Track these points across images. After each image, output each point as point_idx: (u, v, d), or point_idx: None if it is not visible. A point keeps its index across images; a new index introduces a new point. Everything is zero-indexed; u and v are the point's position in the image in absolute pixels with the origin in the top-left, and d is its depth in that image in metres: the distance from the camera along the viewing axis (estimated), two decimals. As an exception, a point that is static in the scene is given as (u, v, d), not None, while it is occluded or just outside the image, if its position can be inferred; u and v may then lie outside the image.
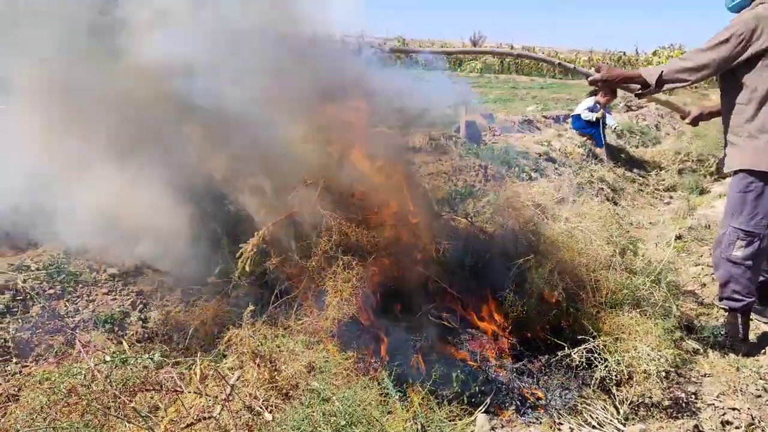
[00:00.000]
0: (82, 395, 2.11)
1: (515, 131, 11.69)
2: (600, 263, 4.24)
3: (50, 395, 2.12)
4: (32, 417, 2.06)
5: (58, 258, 3.61)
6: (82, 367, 2.24)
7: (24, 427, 2.01)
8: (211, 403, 2.40)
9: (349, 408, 2.30)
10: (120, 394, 2.13)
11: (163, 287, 3.71)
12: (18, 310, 3.21)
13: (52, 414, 2.07)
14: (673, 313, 4.17)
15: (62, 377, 2.19)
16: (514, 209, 4.48)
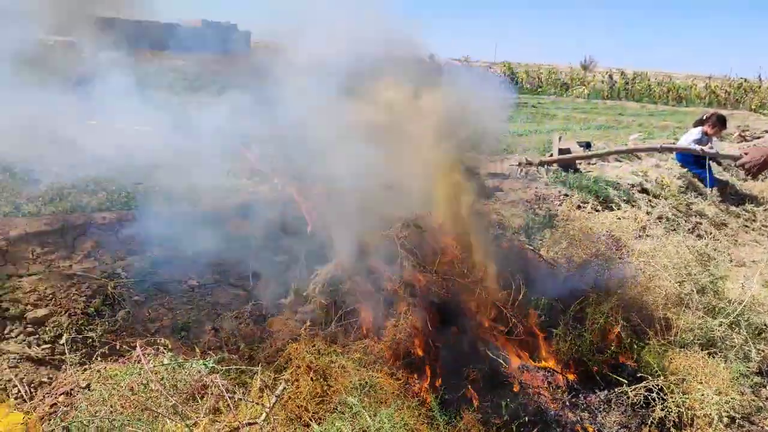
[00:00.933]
0: (139, 393, 2.36)
1: (613, 159, 11.39)
2: (673, 300, 4.11)
3: (111, 390, 2.38)
4: (95, 407, 2.32)
5: (145, 268, 3.95)
6: (141, 368, 2.49)
7: (86, 415, 2.28)
8: (260, 411, 2.58)
9: (387, 425, 2.40)
10: (171, 395, 2.35)
11: (237, 299, 3.97)
12: (106, 313, 3.56)
13: (112, 407, 2.32)
14: (752, 358, 3.97)
15: (124, 375, 2.45)
16: (585, 242, 4.43)
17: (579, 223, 4.85)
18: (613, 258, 4.26)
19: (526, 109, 25.74)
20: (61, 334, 3.33)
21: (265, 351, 3.53)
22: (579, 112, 25.76)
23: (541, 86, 44.22)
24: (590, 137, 15.62)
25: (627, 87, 41.17)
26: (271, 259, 4.28)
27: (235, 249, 4.49)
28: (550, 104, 30.53)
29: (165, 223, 5.23)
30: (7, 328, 3.28)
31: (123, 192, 6.59)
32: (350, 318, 3.68)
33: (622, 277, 4.02)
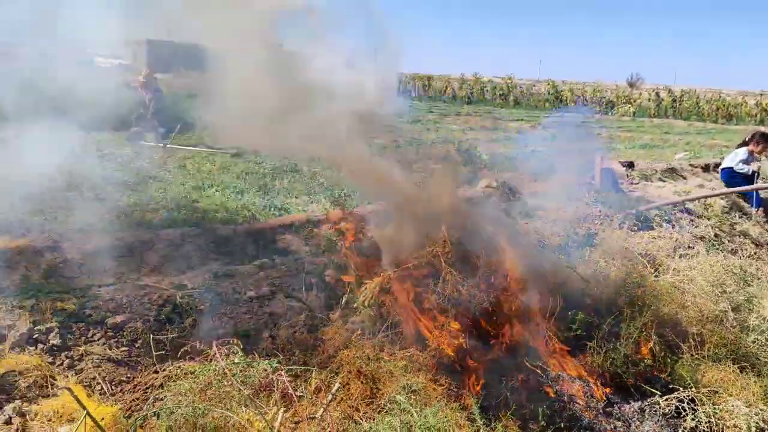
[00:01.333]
0: (215, 386, 2.67)
1: (656, 180, 11.43)
2: (707, 317, 4.26)
3: (192, 384, 2.70)
4: (178, 398, 2.65)
5: (209, 280, 4.32)
6: (217, 366, 2.81)
7: (172, 404, 2.60)
8: (317, 409, 2.88)
9: (432, 421, 2.66)
10: (243, 388, 2.66)
11: (291, 310, 4.29)
12: (175, 320, 3.92)
13: (193, 398, 2.64)
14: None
15: (202, 372, 2.77)
16: (622, 260, 4.61)
17: (616, 243, 5.03)
18: (647, 276, 4.43)
19: (570, 128, 25.72)
20: (137, 338, 3.70)
21: (318, 357, 3.82)
22: (624, 130, 25.60)
23: (586, 105, 44.03)
24: (634, 156, 15.64)
25: (674, 105, 40.63)
26: (321, 274, 4.60)
27: (288, 263, 4.84)
28: (595, 122, 30.41)
29: (221, 239, 5.64)
30: (91, 332, 3.67)
31: (183, 211, 7.06)
32: (396, 328, 3.95)
33: (655, 294, 4.20)
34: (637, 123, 31.97)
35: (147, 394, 3.24)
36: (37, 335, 3.50)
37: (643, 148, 18.92)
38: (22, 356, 3.29)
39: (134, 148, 11.70)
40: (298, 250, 5.40)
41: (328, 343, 3.95)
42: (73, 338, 3.59)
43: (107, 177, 8.27)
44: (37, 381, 3.21)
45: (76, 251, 5.02)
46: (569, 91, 47.21)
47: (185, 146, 12.23)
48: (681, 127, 30.43)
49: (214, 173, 9.81)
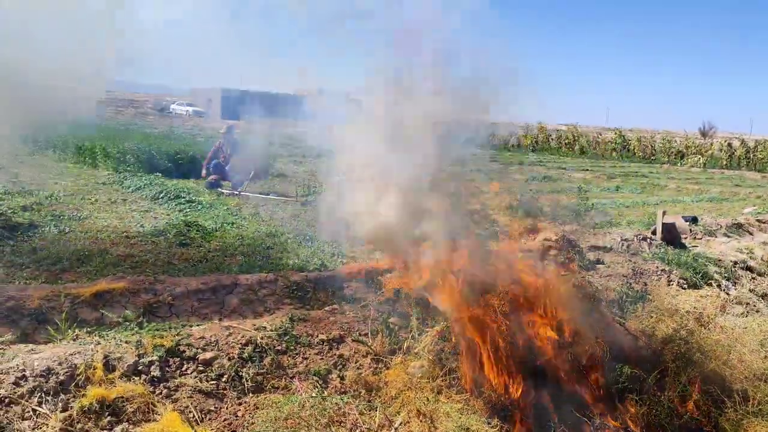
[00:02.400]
0: (296, 416, 3.10)
1: (720, 235, 11.41)
2: (755, 374, 4.44)
3: (277, 412, 3.14)
4: (265, 424, 3.09)
5: (285, 323, 4.80)
6: (297, 399, 3.25)
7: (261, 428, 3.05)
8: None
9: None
10: (320, 416, 3.08)
11: (358, 353, 4.71)
12: (256, 359, 4.40)
13: (278, 424, 3.08)
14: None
15: (285, 402, 3.21)
16: (672, 316, 4.85)
17: (666, 300, 5.25)
18: (694, 332, 4.64)
19: (635, 178, 25.61)
20: (223, 374, 4.19)
21: (381, 397, 4.22)
22: (692, 182, 25.22)
23: (654, 154, 43.43)
24: (701, 210, 15.55)
25: (748, 155, 39.63)
26: (386, 320, 5.03)
27: (355, 309, 5.28)
28: (662, 173, 30.08)
29: (294, 284, 6.15)
30: (185, 366, 4.18)
31: (259, 257, 7.65)
32: (454, 374, 4.31)
33: (701, 350, 4.41)
34: (707, 174, 31.38)
35: (233, 422, 3.71)
36: (141, 367, 4.03)
37: (711, 201, 18.71)
38: (128, 385, 3.82)
39: (212, 195, 12.55)
40: (365, 297, 5.84)
41: (390, 385, 4.34)
42: (170, 371, 4.12)
43: (190, 223, 9.00)
44: (140, 407, 3.73)
45: (168, 293, 5.63)
46: (637, 140, 46.69)
47: (258, 194, 13.01)
48: (754, 180, 29.70)
49: (285, 219, 10.44)
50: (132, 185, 12.85)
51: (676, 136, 56.45)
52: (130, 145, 15.91)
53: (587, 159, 39.81)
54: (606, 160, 39.93)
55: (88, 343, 4.07)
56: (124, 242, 7.95)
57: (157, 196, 11.65)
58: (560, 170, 27.91)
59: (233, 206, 11.52)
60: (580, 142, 46.72)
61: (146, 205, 11.09)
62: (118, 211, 10.01)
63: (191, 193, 12.12)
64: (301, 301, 5.99)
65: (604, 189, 20.65)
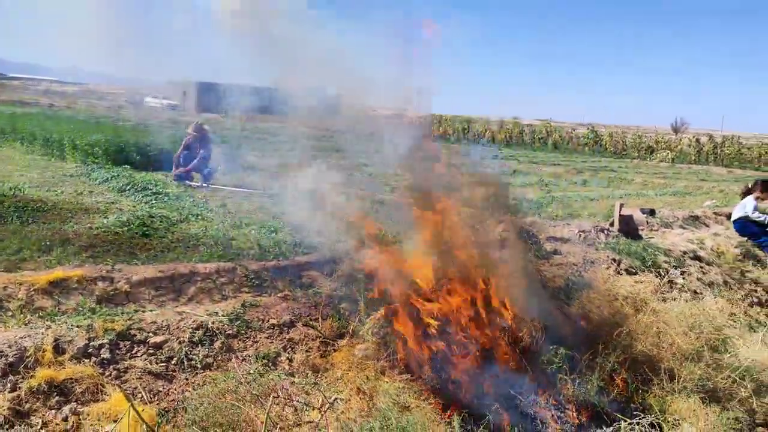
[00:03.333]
0: (231, 391, 3.26)
1: (677, 227, 11.74)
2: (684, 355, 4.68)
3: (214, 388, 3.30)
4: (201, 399, 3.24)
5: (237, 309, 4.94)
6: (234, 374, 3.41)
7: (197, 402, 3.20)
8: (317, 415, 3.45)
9: (405, 425, 3.20)
10: (253, 392, 3.25)
11: (308, 337, 4.87)
12: (206, 342, 4.54)
13: (213, 398, 3.24)
14: (753, 407, 4.49)
15: (222, 379, 3.37)
16: (607, 302, 5.08)
17: (605, 286, 5.48)
18: (627, 316, 4.87)
19: (603, 172, 26.06)
20: (173, 356, 4.33)
21: (327, 378, 4.39)
22: (659, 177, 25.72)
23: (625, 150, 44.08)
24: (663, 203, 15.93)
25: (716, 151, 40.42)
26: (336, 306, 5.19)
27: (308, 295, 5.44)
28: (632, 168, 30.59)
29: (252, 273, 6.29)
30: (135, 349, 4.31)
31: (221, 247, 7.75)
32: (396, 355, 4.50)
33: (631, 333, 4.65)
34: (674, 169, 32.00)
35: (182, 401, 3.85)
36: (91, 350, 4.16)
37: (674, 194, 19.12)
38: (78, 367, 3.94)
39: (180, 188, 12.58)
40: (320, 284, 6.00)
41: (337, 366, 4.52)
42: (121, 354, 4.25)
43: (154, 215, 9.07)
44: (89, 388, 3.86)
45: (124, 281, 5.73)
46: (609, 135, 47.36)
47: (227, 186, 13.08)
48: (719, 174, 30.35)
49: (251, 211, 10.53)
50: (99, 177, 12.83)
51: (648, 132, 57.36)
52: (98, 138, 15.86)
53: (560, 154, 40.27)
54: (578, 155, 40.43)
55: (39, 327, 4.18)
56: (86, 233, 7.99)
57: (124, 188, 11.66)
58: (532, 164, 28.28)
59: (200, 198, 11.57)
60: (554, 137, 47.24)
61: (112, 197, 11.10)
62: (83, 203, 10.02)
63: (159, 185, 12.14)
64: (258, 290, 6.12)
65: (571, 182, 21.01)
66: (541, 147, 45.88)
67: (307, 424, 3.34)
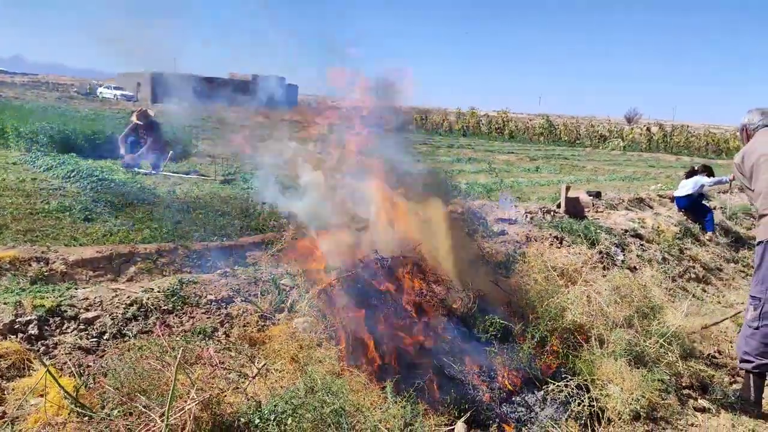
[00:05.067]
0: (157, 357, 3.25)
1: (622, 209, 12.04)
2: (615, 323, 4.83)
3: (137, 353, 3.29)
4: (124, 364, 3.23)
5: (174, 285, 4.90)
6: (159, 342, 3.39)
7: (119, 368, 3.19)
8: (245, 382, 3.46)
9: (337, 394, 3.23)
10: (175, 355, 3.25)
11: (246, 312, 4.86)
12: (141, 318, 4.49)
13: (134, 363, 3.23)
14: (679, 370, 4.67)
15: (147, 346, 3.35)
16: (546, 273, 5.20)
17: (540, 259, 5.61)
18: (558, 287, 4.99)
19: (556, 160, 26.56)
20: (105, 332, 4.27)
21: (264, 351, 4.39)
22: (610, 164, 26.32)
23: (579, 138, 44.95)
24: (611, 188, 16.31)
25: (666, 140, 41.50)
26: (276, 281, 5.20)
27: (248, 272, 5.43)
28: (584, 156, 31.23)
29: (195, 254, 6.24)
30: (65, 325, 4.24)
31: (166, 230, 7.66)
32: (333, 328, 4.52)
33: (562, 303, 4.77)
34: (625, 157, 32.77)
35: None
36: (18, 326, 4.07)
37: (623, 180, 19.60)
38: (4, 342, 3.86)
39: (128, 174, 12.37)
40: (264, 263, 5.99)
41: (274, 339, 4.52)
42: (50, 330, 4.17)
43: (98, 200, 8.92)
44: (15, 363, 3.78)
45: (60, 261, 5.62)
46: (563, 125, 48.20)
47: (177, 173, 12.92)
48: (668, 162, 31.23)
49: (201, 197, 10.43)
50: (44, 165, 12.52)
51: (602, 122, 58.47)
52: (43, 125, 15.47)
53: (515, 143, 40.83)
54: (534, 144, 41.05)
55: (-35, 304, 4.09)
56: (26, 218, 7.81)
57: (69, 175, 11.40)
58: (487, 152, 28.61)
59: (149, 185, 11.40)
60: (509, 127, 47.84)
61: (57, 183, 10.84)
62: (25, 189, 9.77)
63: (105, 171, 11.93)
64: (201, 270, 6.07)
65: (524, 169, 21.34)
66: (497, 137, 46.40)
67: (235, 389, 3.35)
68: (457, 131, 48.36)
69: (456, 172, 17.81)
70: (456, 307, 4.69)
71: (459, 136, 44.21)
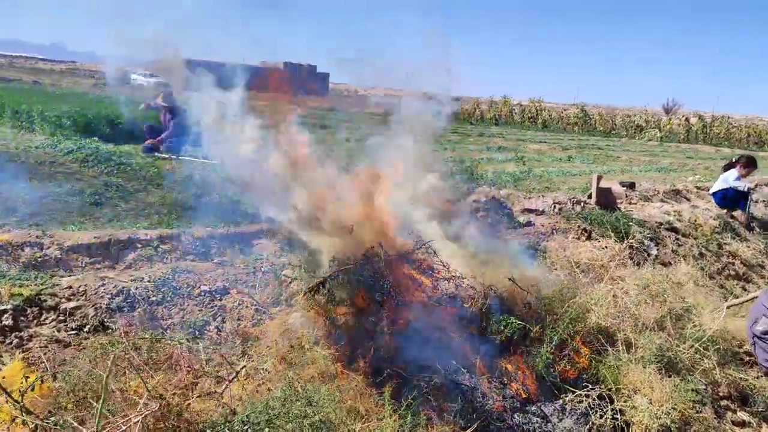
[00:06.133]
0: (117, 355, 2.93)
1: (657, 200, 11.44)
2: (645, 324, 4.37)
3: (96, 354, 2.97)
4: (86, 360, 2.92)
5: (166, 274, 4.58)
6: (121, 341, 3.07)
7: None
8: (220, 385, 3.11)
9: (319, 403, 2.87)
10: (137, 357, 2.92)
11: (242, 304, 4.53)
12: (126, 309, 4.19)
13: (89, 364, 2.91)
14: (716, 379, 4.20)
15: (109, 345, 3.04)
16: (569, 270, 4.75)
17: (563, 254, 5.16)
18: (581, 286, 4.53)
19: (589, 150, 25.72)
20: (86, 324, 3.97)
21: (256, 347, 4.05)
22: (646, 155, 25.42)
23: (614, 129, 43.78)
24: (646, 179, 15.62)
25: (705, 131, 40.15)
26: (277, 272, 4.85)
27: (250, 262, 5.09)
28: (619, 146, 30.26)
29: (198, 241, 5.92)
30: (44, 316, 3.95)
31: (175, 216, 7.38)
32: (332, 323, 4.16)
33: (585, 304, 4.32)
34: (662, 148, 31.70)
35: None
36: (-9, 316, 3.80)
37: (659, 171, 18.82)
38: (-27, 334, 3.59)
39: (146, 159, 12.16)
40: (266, 252, 5.65)
41: (269, 336, 4.18)
42: (26, 321, 3.89)
43: (110, 183, 8.70)
44: (-17, 357, 3.51)
45: (55, 247, 5.35)
46: (599, 115, 47.03)
47: (198, 158, 12.67)
48: (707, 153, 30.09)
49: (218, 182, 10.14)
50: (65, 149, 12.39)
51: (639, 113, 56.98)
52: (68, 110, 15.40)
53: (549, 133, 39.91)
54: (567, 134, 40.09)
55: (-65, 292, 3.82)
56: (37, 202, 7.61)
57: (87, 159, 11.23)
58: (518, 141, 27.92)
59: (167, 170, 11.17)
60: (543, 116, 46.86)
61: (74, 167, 10.67)
62: (41, 173, 9.60)
63: (123, 156, 11.73)
64: (205, 258, 5.76)
65: (556, 159, 20.67)
66: (530, 126, 45.50)
67: (208, 395, 3.01)
68: (489, 120, 47.51)
69: (484, 161, 17.29)
70: (467, 305, 4.29)
71: (491, 125, 43.45)
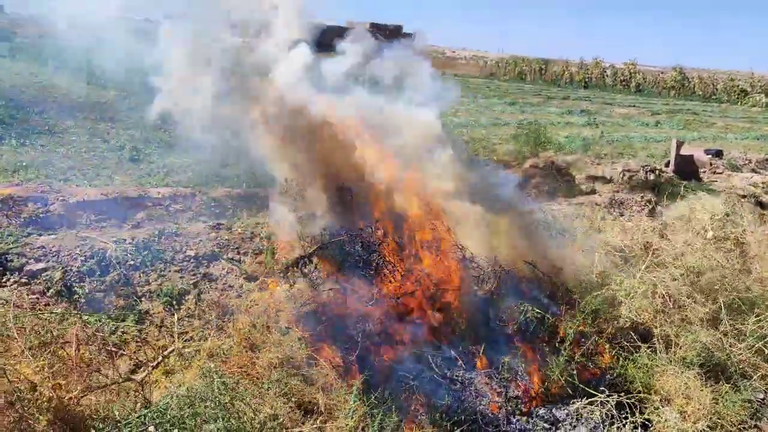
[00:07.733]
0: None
1: (748, 170, 10.24)
2: (690, 319, 3.63)
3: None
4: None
5: (152, 236, 4.22)
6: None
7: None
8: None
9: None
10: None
11: (231, 273, 4.11)
12: (98, 273, 3.85)
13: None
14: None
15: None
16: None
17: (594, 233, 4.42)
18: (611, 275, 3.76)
19: (683, 115, 23.79)
20: (50, 288, 3.66)
21: (233, 323, 3.63)
22: (746, 121, 23.24)
23: (715, 93, 40.64)
24: (741, 147, 14.14)
25: (824, 97, 36.51)
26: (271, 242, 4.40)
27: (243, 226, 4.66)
28: (717, 112, 27.90)
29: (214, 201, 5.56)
30: (5, 277, 3.67)
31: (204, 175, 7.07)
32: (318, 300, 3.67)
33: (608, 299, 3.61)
34: (765, 115, 29.02)
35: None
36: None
37: (757, 139, 17.07)
38: None
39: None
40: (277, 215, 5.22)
41: (251, 310, 3.75)
42: (-15, 282, 3.62)
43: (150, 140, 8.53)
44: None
45: (59, 204, 5.11)
46: (699, 78, 43.80)
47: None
48: (821, 120, 27.33)
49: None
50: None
51: (745, 76, 52.72)
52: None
53: (641, 97, 37.49)
54: (662, 98, 37.53)
55: None
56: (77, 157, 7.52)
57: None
58: (605, 105, 26.29)
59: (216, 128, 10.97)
60: (636, 79, 44.13)
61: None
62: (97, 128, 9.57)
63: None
64: (219, 218, 5.41)
65: (642, 123, 19.19)
66: (622, 89, 42.98)
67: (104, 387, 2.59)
68: (578, 82, 45.19)
69: (560, 125, 16.22)
70: (475, 288, 3.68)
71: (579, 88, 41.32)
